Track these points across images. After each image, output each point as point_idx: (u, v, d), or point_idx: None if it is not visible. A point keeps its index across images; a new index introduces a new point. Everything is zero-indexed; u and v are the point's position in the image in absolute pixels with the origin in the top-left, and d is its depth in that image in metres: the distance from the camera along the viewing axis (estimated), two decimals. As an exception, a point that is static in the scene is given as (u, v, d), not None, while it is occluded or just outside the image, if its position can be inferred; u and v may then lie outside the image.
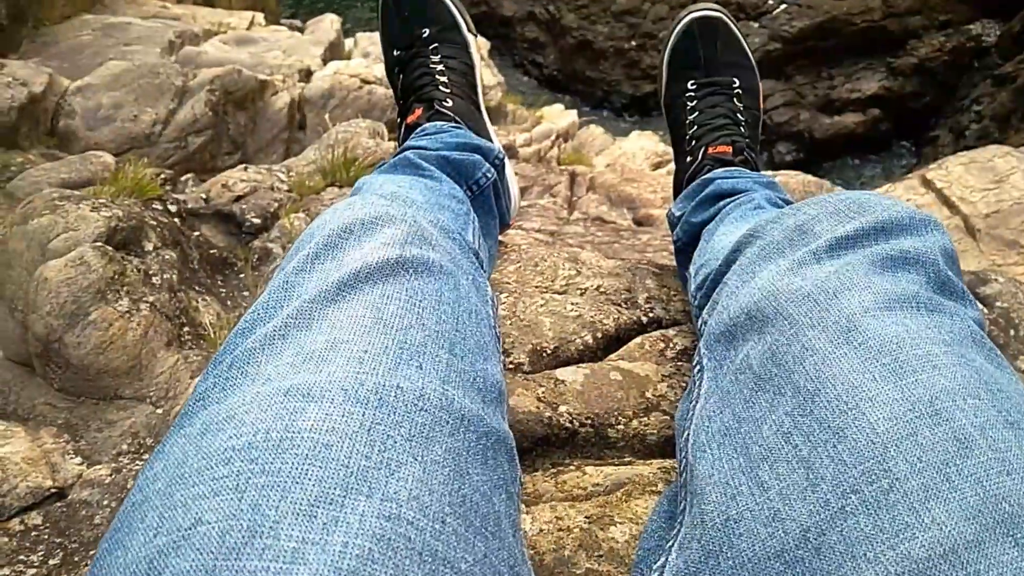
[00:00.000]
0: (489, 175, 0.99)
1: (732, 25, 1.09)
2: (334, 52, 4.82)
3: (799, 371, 0.50)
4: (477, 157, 0.98)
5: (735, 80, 1.07)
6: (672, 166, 1.58)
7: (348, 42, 5.81)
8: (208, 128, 3.30)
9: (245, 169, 2.15)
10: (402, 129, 1.09)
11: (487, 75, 5.24)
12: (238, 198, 1.90)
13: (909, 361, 0.47)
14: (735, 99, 1.06)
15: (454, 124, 1.03)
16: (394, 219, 0.61)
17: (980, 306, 1.61)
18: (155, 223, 1.25)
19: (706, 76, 1.07)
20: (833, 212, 0.63)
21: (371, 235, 0.59)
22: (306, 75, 4.25)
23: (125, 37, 4.35)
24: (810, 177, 2.95)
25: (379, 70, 4.04)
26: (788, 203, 0.93)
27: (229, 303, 1.35)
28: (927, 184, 6.06)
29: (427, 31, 1.11)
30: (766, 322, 0.56)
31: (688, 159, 1.06)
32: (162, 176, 2.09)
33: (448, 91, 1.07)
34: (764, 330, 0.56)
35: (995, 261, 5.11)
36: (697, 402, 0.61)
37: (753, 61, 1.11)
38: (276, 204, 1.81)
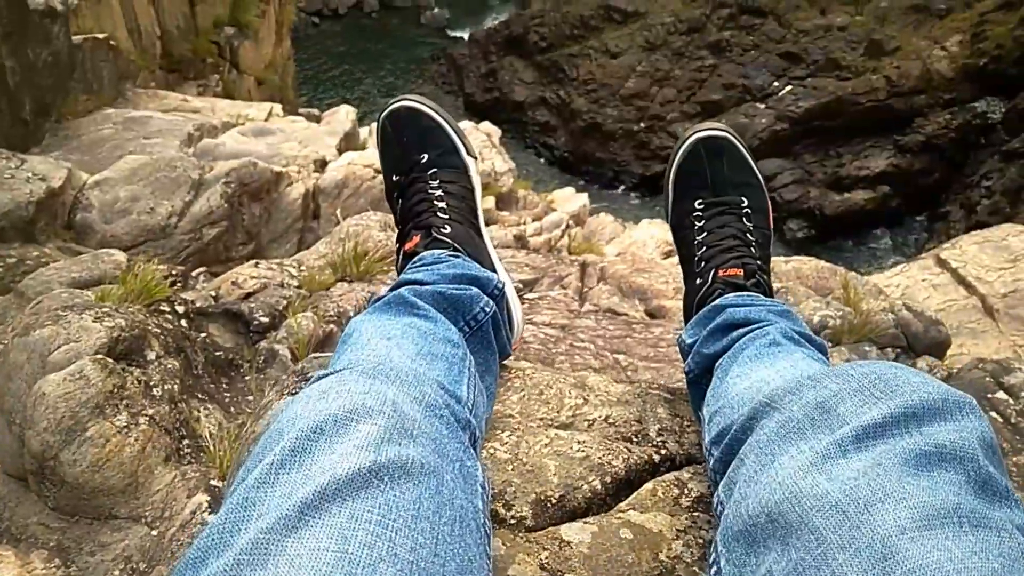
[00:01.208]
0: (487, 309, 0.96)
1: (738, 144, 1.09)
2: (349, 142, 4.93)
3: None
4: (474, 291, 0.96)
5: (743, 199, 1.06)
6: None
7: (363, 131, 5.95)
8: (223, 220, 3.34)
9: (256, 265, 2.15)
10: (400, 256, 1.08)
11: (498, 162, 5.34)
12: (247, 295, 1.89)
13: None
14: (744, 219, 1.05)
15: (452, 253, 1.02)
16: (371, 412, 0.57)
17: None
18: (159, 330, 1.23)
19: (713, 196, 1.06)
20: (857, 390, 0.59)
21: (344, 435, 0.54)
22: (321, 165, 4.33)
23: (145, 130, 4.47)
24: (823, 263, 2.94)
25: (392, 159, 4.11)
26: (804, 336, 0.90)
27: (232, 409, 1.32)
28: (942, 264, 6.01)
29: (425, 156, 1.11)
30: (790, 531, 0.51)
31: (698, 281, 1.04)
32: (173, 273, 2.09)
33: (447, 217, 1.06)
34: (788, 541, 0.51)
35: (1016, 341, 4.99)
36: None
37: (761, 179, 1.10)
38: (285, 302, 1.79)
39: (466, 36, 31.41)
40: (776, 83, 27.10)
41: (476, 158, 1.16)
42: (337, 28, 32.72)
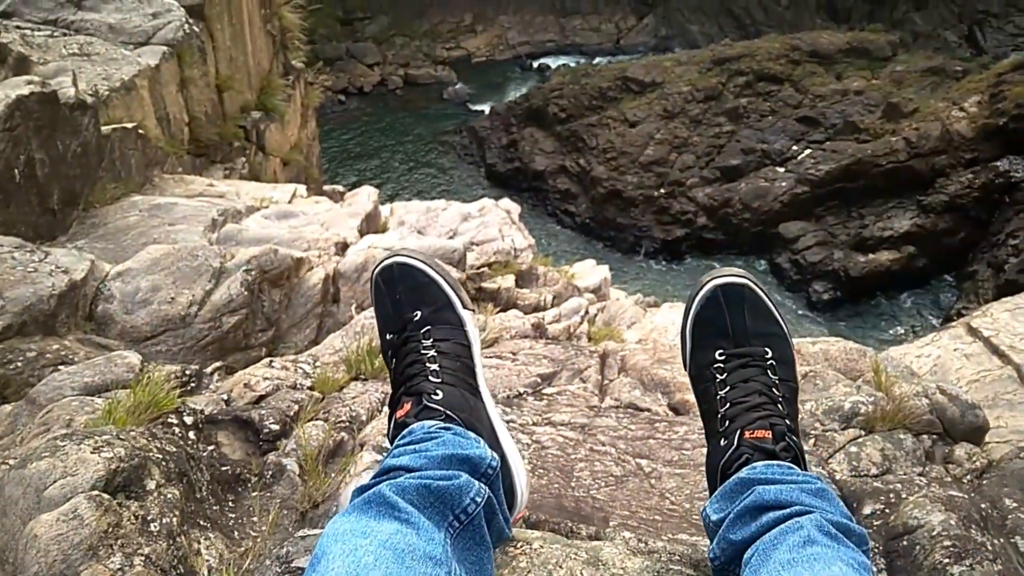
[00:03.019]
0: (479, 498, 0.90)
1: (759, 290, 1.04)
2: (370, 223, 4.98)
3: None
4: (464, 478, 0.90)
5: (767, 350, 1.01)
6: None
7: (385, 210, 6.02)
8: (243, 307, 3.34)
9: (270, 364, 2.12)
10: (391, 424, 1.05)
11: (518, 238, 5.35)
12: (259, 399, 1.86)
13: None
14: (768, 371, 1.00)
15: (443, 424, 0.98)
16: None
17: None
18: (161, 455, 1.20)
19: (735, 346, 1.01)
20: None
21: None
22: (342, 248, 4.36)
23: (170, 217, 4.54)
24: (851, 344, 2.85)
25: (412, 242, 4.13)
26: (842, 528, 0.83)
27: (236, 533, 1.27)
28: (973, 332, 5.87)
29: (419, 313, 1.09)
30: None
31: (723, 442, 0.98)
32: (186, 372, 2.07)
33: (439, 380, 1.03)
34: None
35: (1055, 413, 4.79)
36: None
37: (785, 327, 1.05)
38: (296, 406, 1.76)
39: (487, 109, 32.23)
40: (795, 147, 27.33)
41: (473, 311, 1.13)
42: (362, 104, 33.75)
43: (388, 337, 1.11)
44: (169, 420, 1.52)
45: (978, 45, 37.90)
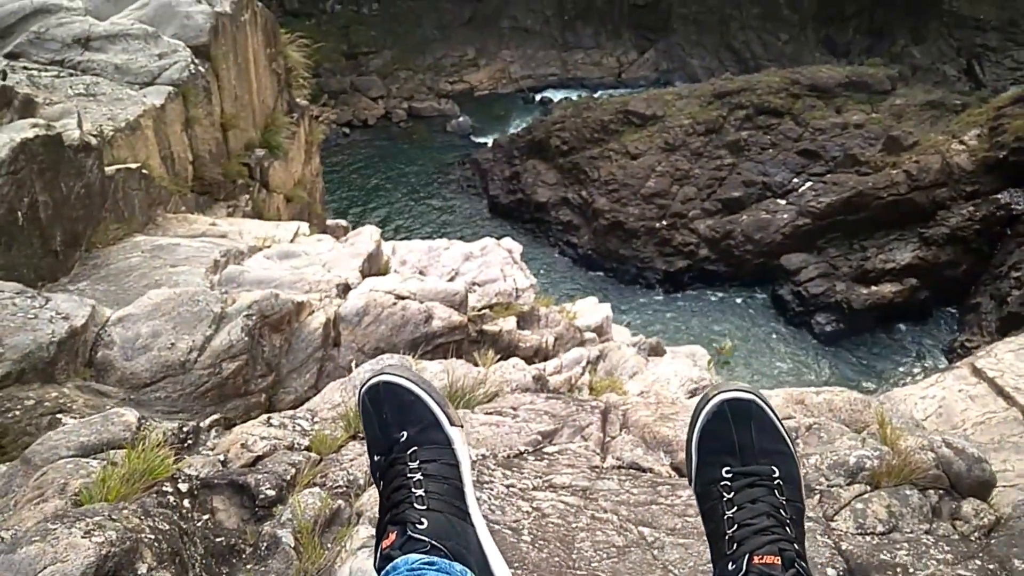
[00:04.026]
0: None
1: (766, 407, 1.03)
2: (372, 263, 4.98)
3: None
4: None
5: (774, 469, 1.00)
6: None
7: (387, 248, 6.02)
8: (243, 353, 3.33)
9: (268, 420, 2.11)
10: (377, 554, 1.03)
11: (520, 278, 5.34)
12: (256, 460, 1.84)
13: None
14: (776, 491, 0.99)
15: (427, 560, 0.97)
16: None
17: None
18: (153, 535, 1.17)
19: (742, 464, 1.00)
20: None
21: None
22: (343, 290, 4.35)
23: (172, 258, 4.54)
24: (855, 394, 2.82)
25: (413, 285, 4.12)
26: None
27: (230, 613, 1.24)
28: (978, 373, 5.83)
29: (405, 433, 1.08)
30: None
31: (731, 566, 0.97)
32: (183, 430, 2.05)
33: (424, 507, 1.02)
34: None
35: (1061, 457, 4.75)
36: None
37: (792, 445, 1.04)
38: (293, 470, 1.73)
39: (490, 142, 32.49)
40: (796, 179, 27.47)
41: (461, 427, 1.12)
42: (367, 137, 34.04)
43: (375, 459, 1.10)
44: (164, 488, 1.50)
45: (977, 79, 38.24)
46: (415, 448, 1.05)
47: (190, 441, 2.03)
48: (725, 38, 40.08)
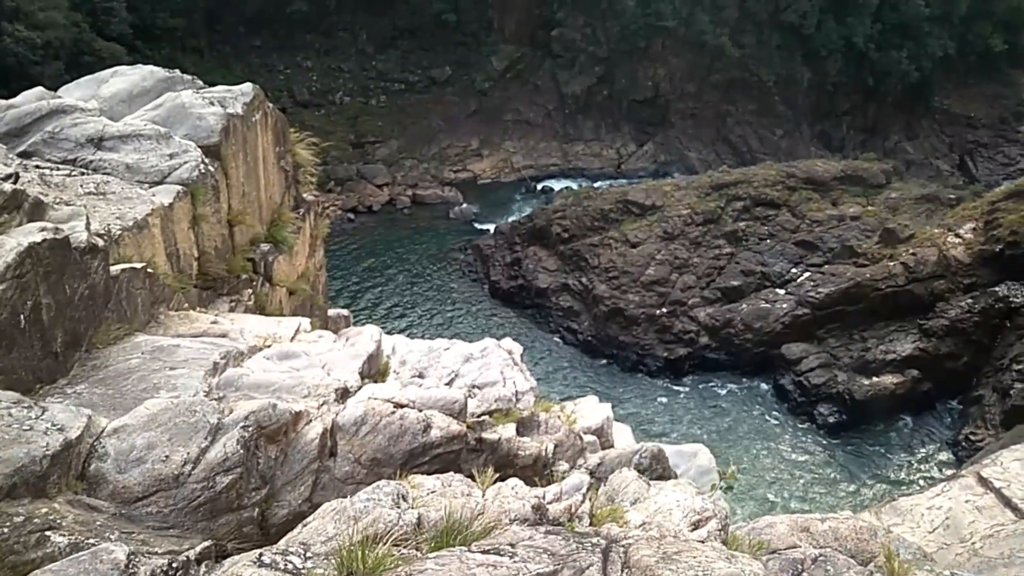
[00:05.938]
0: None
1: None
2: (372, 364, 4.96)
3: None
4: None
5: None
6: (711, 526, 1.44)
7: (387, 345, 6.01)
8: (237, 466, 3.28)
9: (259, 559, 2.05)
10: None
11: (520, 380, 5.32)
12: (246, 607, 1.78)
13: None
14: None
15: None
16: None
17: None
18: None
19: None
20: None
21: None
22: (342, 394, 4.32)
23: (172, 360, 4.53)
24: (862, 522, 2.76)
25: (412, 392, 4.10)
26: None
27: None
28: (984, 483, 5.73)
29: None
30: None
31: None
32: (173, 566, 2.00)
33: None
34: None
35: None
36: None
37: None
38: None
39: (492, 228, 32.99)
40: (794, 269, 27.71)
41: None
42: (371, 223, 34.60)
43: None
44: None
45: (970, 173, 39.09)
46: None
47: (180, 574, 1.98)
48: (722, 132, 41.18)
